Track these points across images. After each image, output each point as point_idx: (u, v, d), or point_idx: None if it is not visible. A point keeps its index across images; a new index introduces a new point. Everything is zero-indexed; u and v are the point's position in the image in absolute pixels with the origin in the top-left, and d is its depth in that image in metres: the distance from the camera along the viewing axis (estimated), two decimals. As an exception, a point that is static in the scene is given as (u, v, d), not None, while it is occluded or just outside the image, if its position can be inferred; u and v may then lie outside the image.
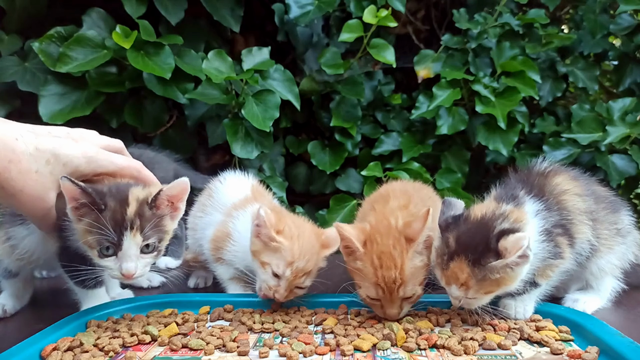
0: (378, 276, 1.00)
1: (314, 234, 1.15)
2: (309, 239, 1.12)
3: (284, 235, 1.09)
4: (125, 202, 0.97)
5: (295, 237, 1.09)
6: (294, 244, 1.08)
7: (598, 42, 2.51)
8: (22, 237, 1.12)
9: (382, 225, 1.05)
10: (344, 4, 2.33)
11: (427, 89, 2.36)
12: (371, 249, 1.02)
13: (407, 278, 1.00)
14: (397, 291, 1.00)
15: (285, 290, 1.07)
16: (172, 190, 1.01)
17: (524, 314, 1.03)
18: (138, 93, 2.02)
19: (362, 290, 1.04)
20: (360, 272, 1.02)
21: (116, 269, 0.97)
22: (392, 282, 0.99)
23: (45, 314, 1.19)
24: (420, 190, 1.28)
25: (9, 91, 1.90)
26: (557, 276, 1.05)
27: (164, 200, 1.02)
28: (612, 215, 1.13)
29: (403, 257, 1.00)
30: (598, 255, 1.10)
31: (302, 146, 2.36)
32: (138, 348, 0.93)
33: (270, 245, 1.07)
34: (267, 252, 1.08)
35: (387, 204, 1.14)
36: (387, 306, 1.02)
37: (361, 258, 1.03)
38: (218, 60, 1.98)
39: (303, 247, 1.09)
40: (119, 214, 0.96)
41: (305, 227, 1.15)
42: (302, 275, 1.09)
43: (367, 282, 1.02)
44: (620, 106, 2.25)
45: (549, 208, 1.02)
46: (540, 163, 1.14)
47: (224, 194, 1.33)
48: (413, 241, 1.01)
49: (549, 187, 1.07)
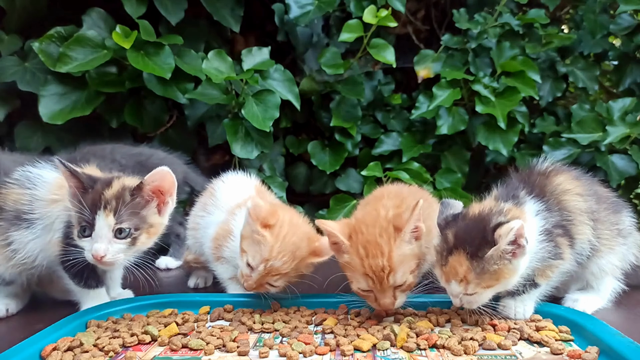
0: (365, 266, 1.00)
1: (307, 239, 1.14)
2: (296, 243, 1.10)
3: (272, 231, 1.09)
4: (108, 185, 1.02)
5: (282, 237, 1.09)
6: (276, 242, 1.08)
7: (598, 42, 2.51)
8: (27, 242, 1.11)
9: (369, 217, 1.06)
10: (344, 4, 2.33)
11: (427, 89, 2.36)
12: (356, 239, 1.03)
13: (395, 265, 1.00)
14: (386, 279, 1.00)
15: (255, 283, 1.08)
16: (153, 177, 1.03)
17: (523, 314, 1.03)
18: (138, 93, 2.02)
19: (353, 284, 1.05)
20: (349, 265, 1.03)
21: (89, 250, 1.00)
22: (380, 270, 0.99)
23: (45, 314, 1.19)
24: (415, 193, 1.28)
25: (9, 91, 1.90)
26: (557, 277, 1.06)
27: (148, 190, 1.04)
28: (614, 216, 1.14)
29: (390, 244, 1.00)
30: (599, 255, 1.10)
31: (302, 146, 2.36)
32: (138, 348, 0.93)
33: (255, 236, 1.08)
34: (249, 241, 1.10)
35: (379, 202, 1.14)
36: (380, 296, 1.02)
37: (348, 251, 1.03)
38: (218, 60, 1.98)
39: (285, 249, 1.08)
40: (97, 195, 1.00)
41: (299, 230, 1.14)
42: (276, 274, 1.09)
43: (357, 274, 1.02)
44: (620, 106, 2.25)
45: (550, 208, 1.03)
46: (542, 163, 1.14)
47: (226, 193, 1.33)
48: (401, 230, 1.01)
49: (550, 187, 1.07)
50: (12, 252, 1.11)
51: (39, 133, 1.92)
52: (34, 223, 1.11)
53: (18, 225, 1.12)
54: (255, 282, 1.09)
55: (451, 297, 1.00)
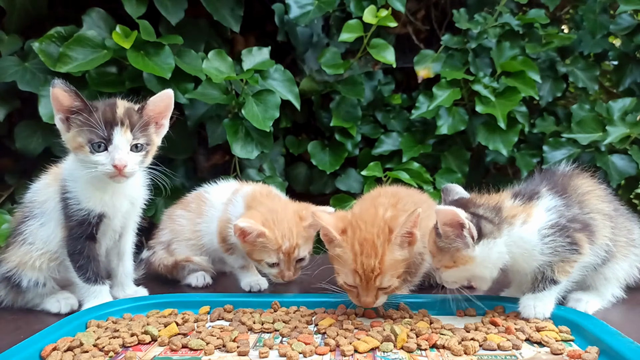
0: (357, 262, 1.01)
1: (292, 211, 1.25)
2: (287, 219, 1.21)
3: (265, 225, 1.19)
4: (114, 106, 1.10)
5: (273, 224, 1.19)
6: (274, 231, 1.18)
7: (598, 42, 2.51)
8: (36, 230, 1.17)
9: (367, 214, 1.07)
10: (344, 4, 2.33)
11: (427, 89, 2.36)
12: (352, 235, 1.03)
13: (385, 269, 1.01)
14: (374, 280, 1.01)
15: (289, 270, 1.21)
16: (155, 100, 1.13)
17: (543, 313, 1.03)
18: (138, 93, 2.02)
19: (340, 277, 1.06)
20: (340, 258, 1.04)
21: (108, 162, 1.07)
22: (370, 270, 1.01)
23: (46, 314, 1.19)
24: (412, 195, 1.28)
25: (9, 91, 1.90)
26: (576, 272, 1.06)
27: (149, 111, 1.13)
28: (629, 223, 1.16)
29: (385, 247, 1.02)
30: (614, 260, 1.11)
31: (302, 146, 2.36)
32: (138, 348, 0.93)
33: (257, 244, 1.19)
34: (257, 250, 1.21)
35: (376, 200, 1.15)
36: (363, 294, 1.03)
37: (340, 245, 1.04)
38: (218, 60, 1.98)
39: (283, 229, 1.19)
40: (109, 113, 1.08)
41: (282, 207, 1.26)
42: (294, 249, 1.20)
43: (347, 268, 1.03)
44: (620, 106, 2.25)
45: (569, 205, 1.04)
46: (565, 166, 1.17)
47: (216, 192, 1.44)
48: (392, 232, 1.02)
49: (573, 186, 1.10)
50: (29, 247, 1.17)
51: (39, 133, 1.92)
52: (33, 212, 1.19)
53: (24, 219, 1.20)
54: (289, 269, 1.23)
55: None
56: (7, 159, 2.03)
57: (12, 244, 1.20)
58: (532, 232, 1.01)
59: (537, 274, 1.04)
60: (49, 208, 1.18)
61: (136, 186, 1.22)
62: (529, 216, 1.02)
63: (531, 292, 1.05)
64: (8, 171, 2.01)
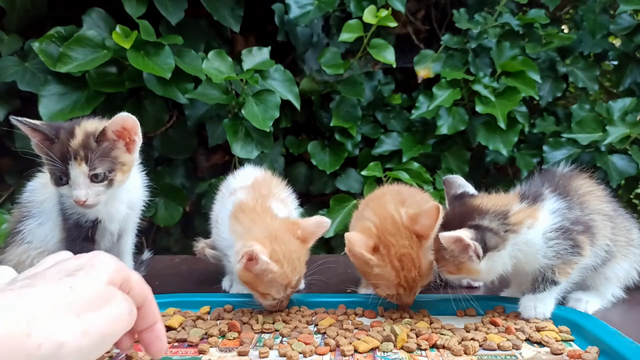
0: (401, 277, 1.02)
1: (292, 234, 1.08)
2: (291, 247, 1.05)
3: (273, 258, 1.01)
4: (71, 135, 1.06)
5: (282, 256, 1.02)
6: (283, 266, 1.01)
7: (598, 42, 2.51)
8: (35, 229, 1.17)
9: (388, 224, 1.05)
10: (344, 4, 2.33)
11: (427, 89, 2.36)
12: (388, 252, 1.02)
13: (424, 274, 1.04)
14: (417, 287, 1.04)
15: (287, 301, 1.09)
16: (114, 122, 1.07)
17: (544, 313, 1.03)
18: (138, 93, 2.02)
19: (381, 290, 1.05)
20: (381, 276, 1.03)
21: (69, 196, 1.06)
22: (412, 281, 1.02)
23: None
24: (415, 195, 1.27)
25: (9, 91, 1.90)
26: (576, 273, 1.06)
27: (112, 134, 1.08)
28: (628, 223, 1.16)
29: (419, 255, 1.02)
30: (614, 260, 1.11)
31: (302, 146, 2.36)
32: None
33: (263, 277, 1.01)
34: (263, 284, 1.03)
35: (380, 200, 1.14)
36: (406, 299, 1.05)
37: (378, 265, 1.02)
38: (218, 60, 1.98)
39: (292, 262, 1.03)
40: (64, 146, 1.05)
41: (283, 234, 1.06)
42: (299, 281, 1.10)
43: (390, 284, 1.03)
44: (620, 106, 2.25)
45: (571, 207, 1.04)
46: (563, 167, 1.17)
47: (238, 177, 1.36)
48: (425, 238, 1.03)
49: (573, 187, 1.10)
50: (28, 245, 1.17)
51: (39, 133, 1.92)
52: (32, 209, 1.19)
53: (22, 217, 1.19)
54: (287, 300, 1.09)
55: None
56: (7, 159, 2.03)
57: (10, 243, 1.20)
58: (537, 236, 1.01)
59: (537, 275, 1.04)
60: (47, 208, 1.18)
61: (134, 189, 1.20)
62: (535, 220, 1.01)
63: (531, 293, 1.05)
64: (8, 171, 2.01)
